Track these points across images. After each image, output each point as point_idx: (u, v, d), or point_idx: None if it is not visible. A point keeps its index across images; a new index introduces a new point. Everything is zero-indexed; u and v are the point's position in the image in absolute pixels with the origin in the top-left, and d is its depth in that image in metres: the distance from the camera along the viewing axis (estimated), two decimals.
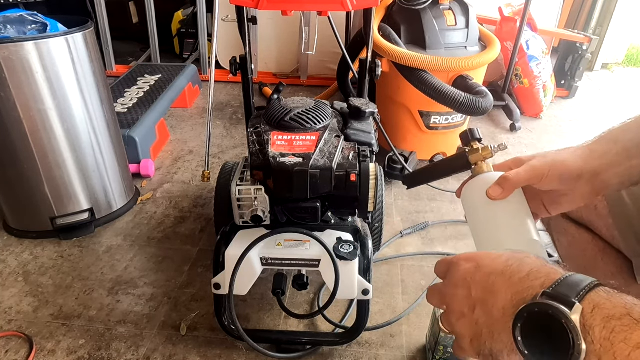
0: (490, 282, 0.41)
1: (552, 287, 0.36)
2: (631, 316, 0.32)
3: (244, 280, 0.93)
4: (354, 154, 0.92)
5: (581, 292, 0.35)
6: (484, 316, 0.41)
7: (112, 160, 1.44)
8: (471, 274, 0.43)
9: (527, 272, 0.39)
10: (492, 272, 0.42)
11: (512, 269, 0.41)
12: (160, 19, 2.72)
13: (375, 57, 1.35)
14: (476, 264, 0.44)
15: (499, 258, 0.43)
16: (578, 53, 2.48)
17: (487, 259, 0.44)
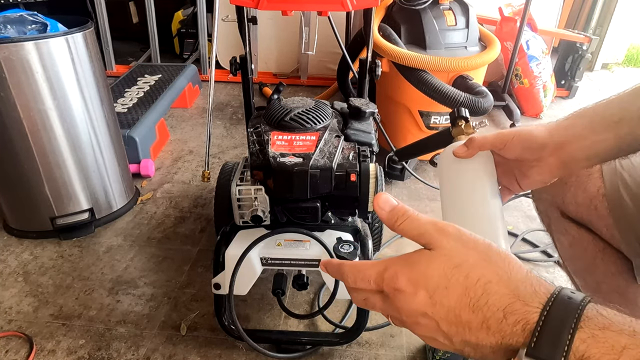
0: (464, 321, 0.36)
1: (533, 341, 0.33)
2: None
3: (244, 280, 0.93)
4: (354, 154, 0.92)
5: (566, 344, 0.32)
6: (468, 348, 0.37)
7: (112, 160, 1.44)
8: (429, 307, 0.37)
9: (503, 313, 0.34)
10: (456, 307, 0.36)
11: (481, 307, 0.35)
12: (160, 19, 2.72)
13: (375, 57, 1.35)
14: (427, 295, 0.37)
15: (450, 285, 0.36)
16: (578, 53, 2.48)
17: (437, 287, 0.36)
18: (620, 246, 0.70)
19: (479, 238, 0.38)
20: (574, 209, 0.75)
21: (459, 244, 0.38)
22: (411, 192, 1.69)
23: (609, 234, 0.71)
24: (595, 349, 0.31)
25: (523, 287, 0.35)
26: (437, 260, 0.37)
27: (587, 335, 0.32)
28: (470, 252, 0.37)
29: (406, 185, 1.73)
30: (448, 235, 0.38)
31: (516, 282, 0.35)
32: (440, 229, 0.39)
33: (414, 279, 0.37)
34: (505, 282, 0.35)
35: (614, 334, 0.31)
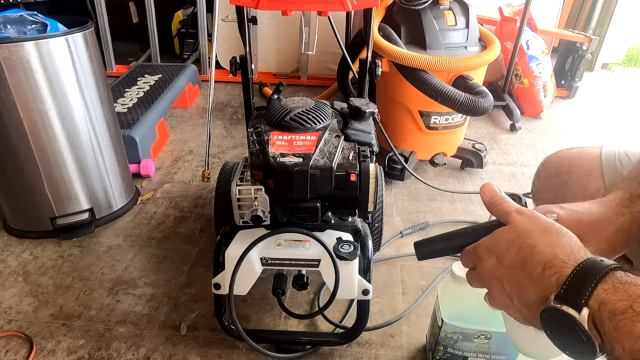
0: (516, 277, 0.45)
1: (563, 287, 0.40)
2: (633, 309, 0.35)
3: (244, 280, 0.93)
4: (354, 154, 0.92)
5: (589, 290, 0.38)
6: (523, 307, 0.45)
7: (112, 160, 1.44)
8: (496, 268, 0.47)
9: (542, 267, 0.42)
10: (512, 265, 0.45)
11: (528, 263, 0.44)
12: (160, 19, 2.72)
13: (375, 57, 1.35)
14: (495, 258, 0.47)
15: (509, 247, 0.46)
16: (578, 53, 2.48)
17: (501, 250, 0.47)
18: None
19: (547, 219, 0.47)
20: None
21: (527, 219, 0.47)
22: (411, 192, 1.69)
23: None
24: (613, 296, 0.37)
25: (563, 251, 0.42)
26: (507, 231, 0.48)
27: (609, 286, 0.38)
28: (533, 225, 0.46)
29: (406, 185, 1.73)
30: (522, 214, 0.48)
31: (560, 247, 0.43)
32: (518, 210, 0.49)
33: (489, 246, 0.48)
34: (550, 246, 0.43)
35: (633, 286, 0.37)
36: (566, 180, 0.76)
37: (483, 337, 0.91)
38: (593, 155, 0.74)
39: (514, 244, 0.46)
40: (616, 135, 2.24)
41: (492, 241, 0.48)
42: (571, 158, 0.78)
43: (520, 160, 1.95)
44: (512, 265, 0.45)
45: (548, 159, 0.83)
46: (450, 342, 0.94)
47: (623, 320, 0.35)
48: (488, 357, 0.95)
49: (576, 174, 0.75)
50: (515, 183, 1.77)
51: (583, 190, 0.73)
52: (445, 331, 0.92)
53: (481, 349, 0.93)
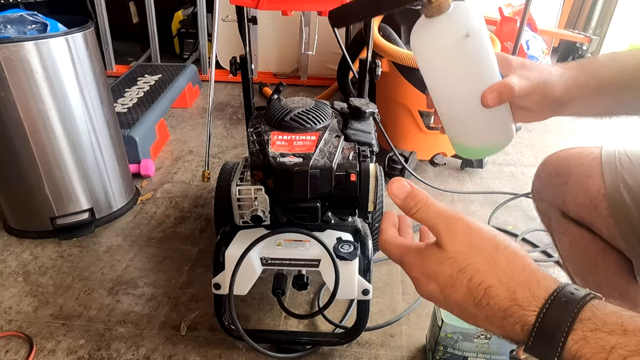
0: (471, 314, 0.40)
1: (530, 340, 0.36)
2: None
3: (244, 280, 0.93)
4: (354, 154, 0.92)
5: (559, 346, 0.34)
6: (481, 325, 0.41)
7: (112, 160, 1.44)
8: (441, 298, 0.41)
9: (503, 314, 0.37)
10: (463, 303, 0.40)
11: (483, 306, 0.38)
12: (160, 19, 2.72)
13: (375, 57, 1.35)
14: (438, 288, 0.41)
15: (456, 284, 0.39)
16: (578, 53, 2.49)
17: (445, 286, 0.40)
18: (620, 246, 0.70)
19: (488, 236, 0.40)
20: (575, 209, 0.75)
21: (465, 247, 0.40)
22: None
23: (610, 234, 0.71)
24: (586, 349, 0.34)
25: (521, 291, 0.37)
26: (444, 263, 0.40)
27: (579, 337, 0.34)
28: (475, 254, 0.39)
29: None
30: (455, 234, 0.40)
31: (515, 286, 0.37)
32: (448, 226, 0.41)
33: (426, 273, 0.42)
34: (505, 285, 0.38)
35: (605, 334, 0.33)
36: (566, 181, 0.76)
37: (483, 337, 0.91)
38: (593, 155, 0.74)
39: (458, 281, 0.39)
40: (616, 136, 2.24)
41: (429, 270, 0.41)
42: (571, 158, 0.78)
43: (520, 160, 1.95)
44: (464, 302, 0.39)
45: (548, 159, 0.83)
46: (450, 342, 0.94)
47: None
48: (488, 357, 0.95)
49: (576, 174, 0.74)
50: (515, 183, 1.77)
51: (583, 190, 0.73)
52: (445, 331, 0.92)
53: (481, 349, 0.93)
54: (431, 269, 0.41)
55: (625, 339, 0.33)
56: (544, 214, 0.85)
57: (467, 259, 0.39)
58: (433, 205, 0.42)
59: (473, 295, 0.39)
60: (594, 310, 0.35)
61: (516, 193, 1.67)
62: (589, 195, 0.72)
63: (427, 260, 0.42)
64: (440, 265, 0.40)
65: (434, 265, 0.41)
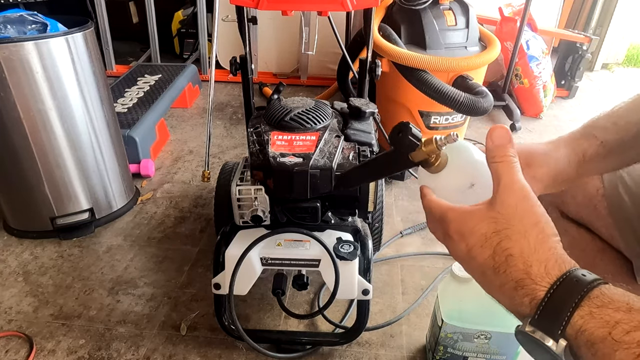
0: (488, 278, 0.42)
1: (537, 313, 0.38)
2: (612, 337, 0.33)
3: (244, 280, 0.93)
4: (354, 154, 0.92)
5: (564, 319, 0.36)
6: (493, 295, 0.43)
7: (112, 160, 1.44)
8: (466, 258, 0.43)
9: (515, 284, 0.40)
10: (483, 265, 0.42)
11: (500, 273, 0.41)
12: (160, 19, 2.72)
13: (375, 57, 1.35)
14: (467, 248, 0.43)
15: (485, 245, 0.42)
16: (578, 53, 2.48)
17: (475, 245, 0.42)
18: (619, 246, 0.70)
19: (535, 211, 0.41)
20: (574, 209, 0.75)
21: (511, 210, 0.41)
22: (411, 192, 1.69)
23: (608, 234, 0.71)
24: (591, 324, 0.35)
25: (537, 267, 0.39)
26: (485, 221, 0.42)
27: (586, 312, 0.35)
28: (515, 221, 0.41)
29: (406, 185, 1.73)
30: (509, 196, 0.42)
31: (533, 261, 0.39)
32: (509, 186, 0.42)
33: (462, 231, 0.43)
34: (525, 259, 0.40)
35: (610, 310, 0.35)
36: None
37: (483, 337, 0.91)
38: None
39: (489, 242, 0.41)
40: None
41: (466, 228, 0.43)
42: None
43: None
44: (485, 265, 0.42)
45: None
46: (450, 342, 0.94)
47: (602, 349, 0.34)
48: (488, 357, 0.95)
49: None
50: None
51: (582, 190, 0.73)
52: (445, 331, 0.92)
53: (481, 349, 0.93)
54: (469, 226, 0.43)
55: (629, 316, 0.34)
56: None
57: (505, 223, 0.41)
58: (512, 166, 0.43)
59: (495, 258, 0.41)
60: (602, 290, 0.36)
61: None
62: (587, 195, 0.72)
63: (469, 217, 0.44)
64: (479, 223, 0.42)
65: (474, 223, 0.43)
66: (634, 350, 0.32)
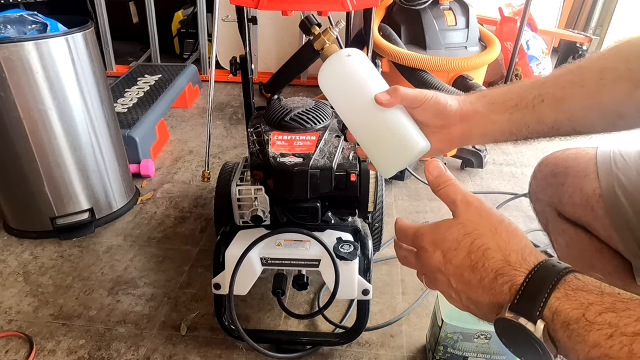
0: (466, 279, 0.43)
1: (516, 297, 0.39)
2: (586, 318, 0.35)
3: (244, 280, 0.93)
4: (354, 154, 0.92)
5: (542, 301, 0.37)
6: (472, 305, 0.45)
7: (112, 160, 1.44)
8: (442, 264, 0.45)
9: (494, 274, 0.41)
10: (461, 266, 0.43)
11: (479, 268, 0.42)
12: (160, 19, 2.72)
13: (375, 57, 1.35)
14: (442, 254, 0.45)
15: (459, 247, 0.44)
16: (578, 53, 2.48)
17: (449, 249, 0.44)
18: (617, 246, 0.71)
19: (496, 213, 0.45)
20: (571, 209, 0.75)
21: (475, 216, 0.45)
22: (411, 192, 1.69)
23: (606, 234, 0.71)
24: (566, 305, 0.37)
25: (515, 256, 0.41)
26: (454, 227, 0.45)
27: (562, 294, 0.37)
28: (482, 223, 0.44)
29: (406, 185, 1.73)
30: (469, 207, 0.46)
31: (510, 251, 0.42)
32: (465, 201, 0.46)
33: (434, 240, 0.46)
34: (502, 250, 0.42)
35: (584, 293, 0.37)
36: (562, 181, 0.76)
37: (483, 337, 0.91)
38: (589, 155, 0.75)
39: (462, 243, 0.44)
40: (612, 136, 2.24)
41: (438, 236, 0.46)
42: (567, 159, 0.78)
43: (520, 160, 1.96)
44: (462, 266, 0.43)
45: (544, 160, 0.83)
46: (450, 342, 0.94)
47: (577, 329, 0.35)
48: (488, 357, 0.95)
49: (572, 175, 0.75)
50: (515, 183, 1.77)
51: (579, 190, 0.73)
52: (445, 331, 0.92)
53: (481, 349, 0.94)
54: (440, 235, 0.46)
55: (601, 298, 0.36)
56: (541, 215, 0.85)
57: (474, 225, 0.44)
58: (457, 186, 0.48)
59: (471, 257, 0.43)
60: (577, 275, 0.39)
61: (516, 193, 1.67)
62: (584, 196, 0.72)
63: (438, 228, 0.46)
64: (449, 230, 0.45)
65: (444, 230, 0.46)
66: (605, 331, 0.34)
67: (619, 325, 0.34)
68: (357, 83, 0.59)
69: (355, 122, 0.60)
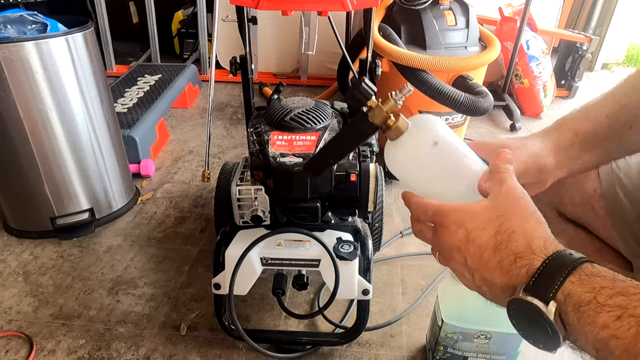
0: (485, 259, 0.44)
1: (532, 280, 0.40)
2: (597, 300, 0.36)
3: (244, 280, 0.93)
4: (354, 154, 0.92)
5: (556, 284, 0.39)
6: (485, 286, 0.45)
7: (112, 160, 1.44)
8: (463, 243, 0.45)
9: (515, 257, 0.42)
10: (483, 246, 0.44)
11: (501, 249, 0.43)
12: (160, 19, 2.72)
13: (375, 57, 1.35)
14: (465, 233, 0.45)
15: (487, 227, 0.45)
16: (578, 53, 2.48)
17: (475, 228, 0.45)
18: (618, 246, 0.71)
19: (532, 206, 0.46)
20: (571, 209, 0.75)
21: (512, 202, 0.46)
22: None
23: (607, 234, 0.71)
24: (579, 288, 0.38)
25: (537, 242, 0.43)
26: (488, 208, 0.46)
27: (576, 279, 0.39)
28: (516, 210, 0.45)
29: None
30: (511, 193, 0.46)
31: (534, 238, 0.43)
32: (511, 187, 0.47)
33: (460, 219, 0.46)
34: (527, 236, 0.43)
35: (598, 279, 0.38)
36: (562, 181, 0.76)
37: (483, 337, 0.91)
38: None
39: (492, 224, 0.45)
40: None
41: (467, 215, 0.46)
42: None
43: None
44: (484, 245, 0.44)
45: None
46: (450, 342, 0.94)
47: (587, 311, 0.36)
48: (488, 357, 0.95)
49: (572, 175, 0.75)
50: None
51: (579, 190, 0.73)
52: (445, 331, 0.92)
53: (481, 349, 0.94)
54: (470, 214, 0.46)
55: (613, 284, 0.37)
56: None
57: (508, 210, 0.45)
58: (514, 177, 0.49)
59: (497, 237, 0.44)
60: (593, 264, 0.40)
61: None
62: (585, 195, 0.72)
63: (471, 209, 0.47)
64: (484, 212, 0.46)
65: (476, 211, 0.46)
66: (615, 313, 0.35)
67: (627, 307, 0.34)
68: (446, 172, 0.51)
69: (436, 196, 0.52)
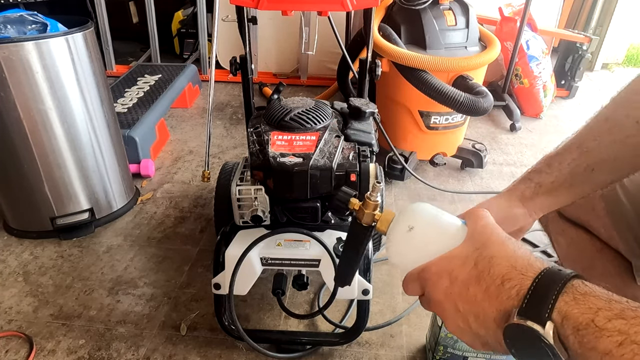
0: (471, 294, 0.42)
1: (525, 300, 0.39)
2: (595, 324, 0.35)
3: (244, 280, 0.93)
4: (354, 154, 0.92)
5: (550, 302, 0.37)
6: (480, 328, 0.43)
7: (112, 160, 1.44)
8: (449, 289, 0.44)
9: (501, 280, 0.41)
10: (466, 281, 0.43)
11: (484, 277, 0.42)
12: (160, 19, 2.72)
13: (375, 57, 1.35)
14: (448, 276, 0.44)
15: (466, 262, 0.44)
16: (578, 53, 2.48)
17: (455, 267, 0.44)
18: (618, 246, 0.71)
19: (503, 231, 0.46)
20: (572, 209, 0.75)
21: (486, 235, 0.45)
22: (411, 192, 1.69)
23: (607, 234, 0.71)
24: (575, 309, 0.36)
25: (521, 262, 0.41)
26: (465, 245, 0.46)
27: (570, 298, 0.37)
28: (492, 239, 0.45)
29: (406, 185, 1.73)
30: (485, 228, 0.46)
31: (517, 258, 0.42)
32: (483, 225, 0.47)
33: (441, 268, 0.45)
34: (508, 257, 0.42)
35: (593, 298, 0.36)
36: None
37: None
38: None
39: (470, 257, 0.44)
40: None
41: (446, 260, 0.46)
42: None
43: (520, 160, 1.96)
44: (467, 281, 0.43)
45: None
46: (450, 342, 0.94)
47: (587, 335, 0.35)
48: (488, 357, 0.95)
49: None
50: None
51: None
52: (445, 331, 0.92)
53: None
54: (449, 258, 0.45)
55: (610, 304, 0.35)
56: None
57: (484, 242, 0.44)
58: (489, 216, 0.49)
59: (478, 267, 0.43)
60: (583, 281, 0.38)
61: None
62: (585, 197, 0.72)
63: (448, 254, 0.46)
64: (460, 249, 0.45)
65: (453, 254, 0.45)
66: (616, 339, 0.33)
67: (629, 333, 0.33)
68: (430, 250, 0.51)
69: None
